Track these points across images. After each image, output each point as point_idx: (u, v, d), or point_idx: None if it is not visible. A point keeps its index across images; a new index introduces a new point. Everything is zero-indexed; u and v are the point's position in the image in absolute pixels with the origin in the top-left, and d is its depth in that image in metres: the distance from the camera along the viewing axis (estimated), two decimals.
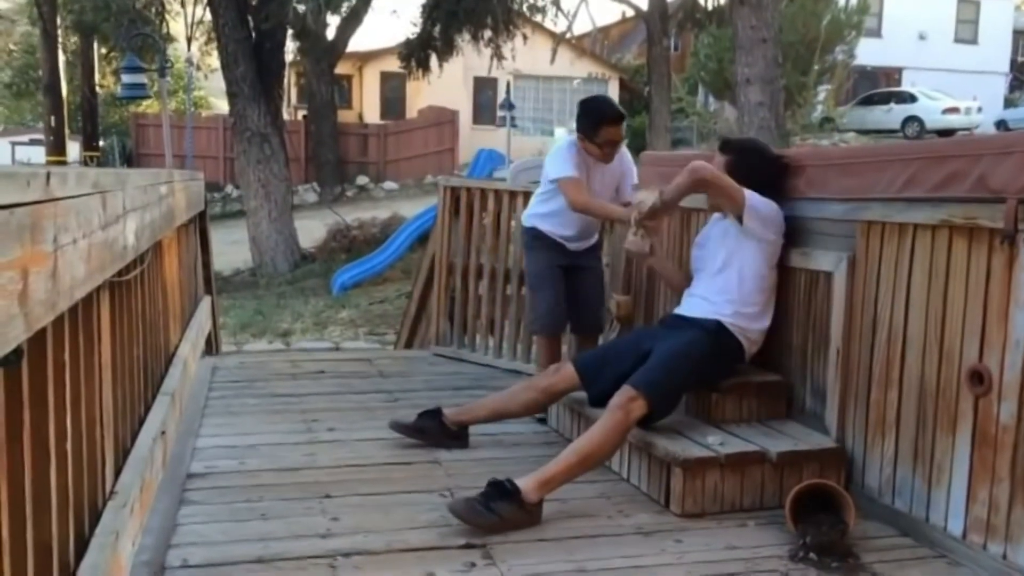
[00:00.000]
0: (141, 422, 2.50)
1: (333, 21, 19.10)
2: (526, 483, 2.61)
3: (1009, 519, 2.23)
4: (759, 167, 3.12)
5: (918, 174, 2.54)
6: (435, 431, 3.31)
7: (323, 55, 20.08)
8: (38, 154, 22.44)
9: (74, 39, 23.72)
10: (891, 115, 25.86)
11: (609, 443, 2.77)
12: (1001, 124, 24.66)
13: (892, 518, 2.62)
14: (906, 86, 28.18)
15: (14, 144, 24.60)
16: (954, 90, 26.54)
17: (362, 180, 23.52)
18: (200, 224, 4.99)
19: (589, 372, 3.11)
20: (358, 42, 22.35)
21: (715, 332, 2.97)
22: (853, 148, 6.90)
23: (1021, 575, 2.18)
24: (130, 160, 23.77)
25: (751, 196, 2.95)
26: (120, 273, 2.02)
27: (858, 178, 2.81)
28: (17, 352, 1.15)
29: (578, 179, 3.61)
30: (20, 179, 1.12)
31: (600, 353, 3.21)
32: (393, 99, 27.38)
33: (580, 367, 3.15)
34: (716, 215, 3.19)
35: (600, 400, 3.01)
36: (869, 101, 26.83)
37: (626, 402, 2.76)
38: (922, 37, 30.08)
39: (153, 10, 17.85)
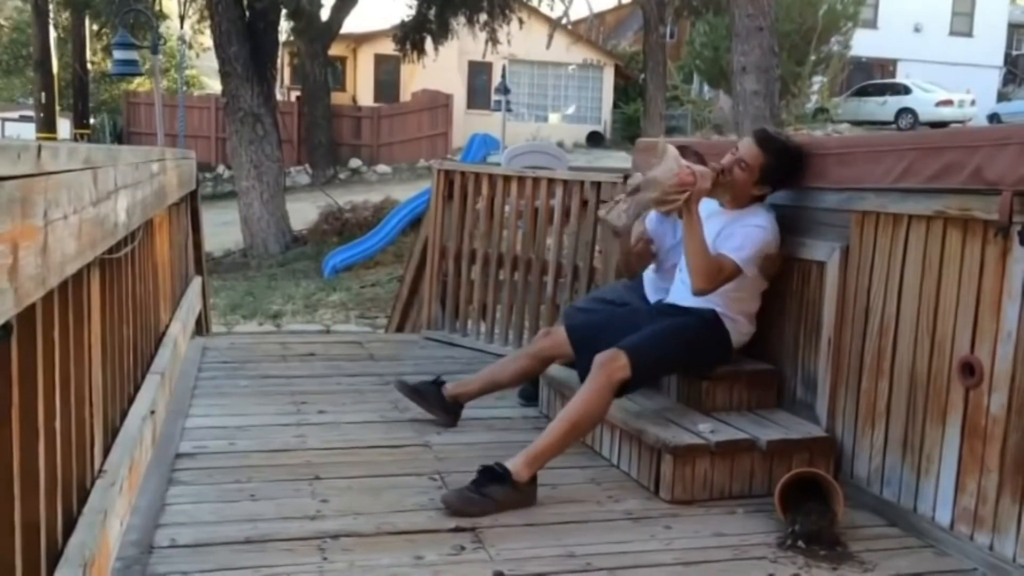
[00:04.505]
0: (130, 401, 2.48)
1: (328, 2, 18.98)
2: (515, 463, 2.62)
3: (997, 510, 2.24)
4: (791, 171, 3.01)
5: (914, 165, 2.53)
6: (433, 398, 3.36)
7: (317, 36, 19.93)
8: (28, 131, 22.28)
9: (65, 15, 23.50)
10: (885, 107, 25.92)
11: (594, 405, 2.74)
12: (994, 117, 24.72)
13: (880, 507, 2.63)
14: (901, 78, 28.23)
15: (4, 120, 24.42)
16: (948, 83, 26.59)
17: (355, 163, 23.43)
18: (192, 204, 4.96)
19: (580, 340, 3.09)
20: (353, 23, 22.23)
21: (710, 321, 2.97)
22: (849, 138, 6.93)
23: (1007, 565, 2.19)
24: (121, 138, 23.61)
25: (744, 260, 2.89)
26: (111, 251, 2.00)
27: (853, 168, 2.80)
28: (6, 328, 1.13)
29: None
30: (10, 152, 1.10)
31: (593, 323, 3.19)
32: (387, 82, 27.23)
33: (572, 334, 3.13)
34: (714, 206, 3.13)
35: (588, 372, 3.02)
36: (863, 92, 26.86)
37: (608, 361, 2.74)
38: (917, 29, 30.11)
39: None
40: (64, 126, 23.04)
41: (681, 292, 3.11)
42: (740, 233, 2.93)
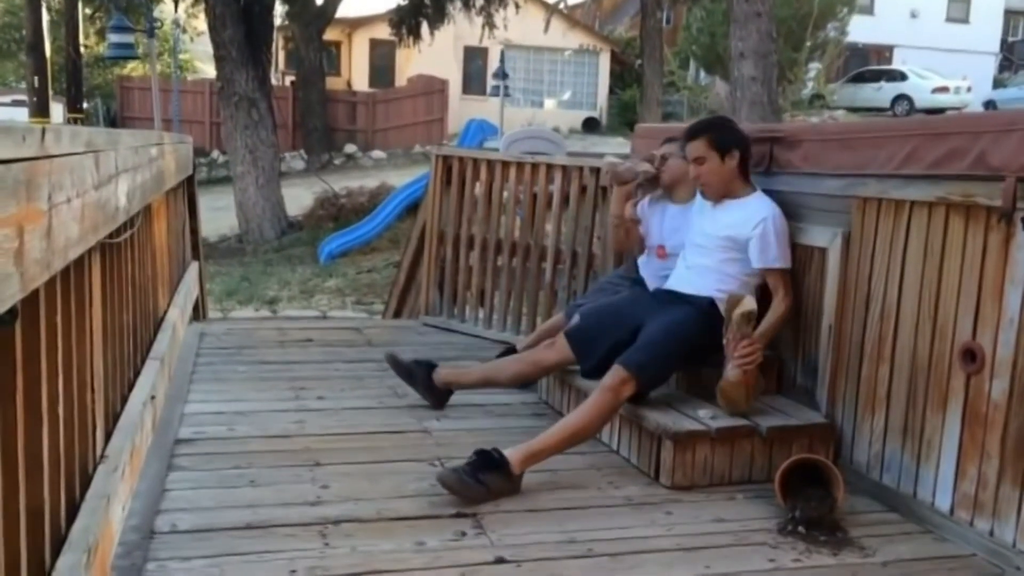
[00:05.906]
0: (131, 387, 2.48)
1: None
2: (512, 455, 2.62)
3: (997, 496, 2.25)
4: (732, 129, 3.10)
5: (917, 150, 2.52)
6: (422, 380, 3.36)
7: (312, 20, 19.81)
8: (21, 115, 22.06)
9: None
10: (881, 93, 25.89)
11: (598, 422, 2.80)
12: (990, 104, 24.69)
13: (880, 493, 2.64)
14: (897, 64, 28.18)
15: None
16: (944, 69, 26.57)
17: (350, 148, 23.33)
18: (188, 189, 4.94)
19: (582, 347, 3.10)
20: (348, 8, 22.16)
21: (707, 310, 2.96)
22: (851, 123, 6.88)
23: (1007, 551, 2.20)
24: (114, 123, 23.46)
25: (787, 258, 2.98)
26: (112, 235, 1.99)
27: (855, 153, 2.79)
28: (12, 312, 1.12)
29: None
30: (15, 134, 1.09)
31: (592, 325, 3.18)
32: (382, 67, 27.08)
33: (573, 342, 3.13)
34: (728, 202, 3.10)
35: (593, 372, 3.00)
36: (860, 79, 26.83)
37: (617, 384, 2.77)
38: (914, 15, 30.05)
39: None
40: (57, 110, 22.82)
41: (683, 278, 3.12)
42: (770, 238, 2.95)
